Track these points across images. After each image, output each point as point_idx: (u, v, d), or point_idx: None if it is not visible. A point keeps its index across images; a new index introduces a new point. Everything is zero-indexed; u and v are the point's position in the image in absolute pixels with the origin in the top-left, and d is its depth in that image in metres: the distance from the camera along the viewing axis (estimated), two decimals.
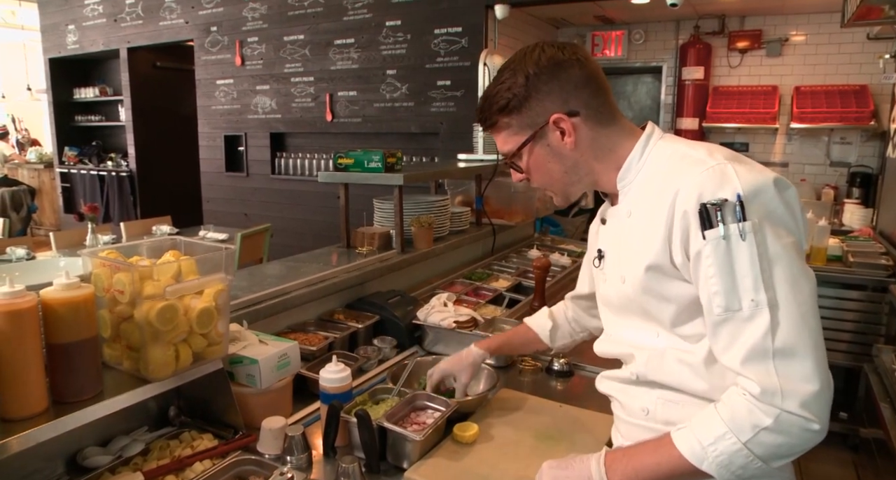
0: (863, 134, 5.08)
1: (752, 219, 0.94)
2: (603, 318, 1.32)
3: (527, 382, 1.82)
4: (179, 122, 7.02)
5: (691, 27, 5.59)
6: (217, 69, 6.01)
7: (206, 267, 1.32)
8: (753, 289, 0.93)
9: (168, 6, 6.18)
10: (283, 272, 2.15)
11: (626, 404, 1.21)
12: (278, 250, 4.51)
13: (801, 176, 5.33)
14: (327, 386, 1.37)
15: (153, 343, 1.22)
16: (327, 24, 5.27)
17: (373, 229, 2.57)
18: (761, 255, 0.93)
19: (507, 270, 2.90)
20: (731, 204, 0.95)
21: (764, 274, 0.93)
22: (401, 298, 2.15)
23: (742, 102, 5.34)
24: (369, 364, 1.83)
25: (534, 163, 1.17)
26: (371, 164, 2.45)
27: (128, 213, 7.01)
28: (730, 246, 0.95)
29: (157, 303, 1.20)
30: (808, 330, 0.92)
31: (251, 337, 1.52)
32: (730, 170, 0.99)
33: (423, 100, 4.93)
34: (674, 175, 1.04)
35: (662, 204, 1.03)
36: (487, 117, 1.18)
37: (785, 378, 0.90)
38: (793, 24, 5.29)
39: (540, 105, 1.12)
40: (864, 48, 5.01)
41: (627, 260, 1.13)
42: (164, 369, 1.25)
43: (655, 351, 1.12)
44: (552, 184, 1.20)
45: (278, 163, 5.88)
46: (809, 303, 0.94)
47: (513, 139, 1.16)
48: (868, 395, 2.46)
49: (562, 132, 1.13)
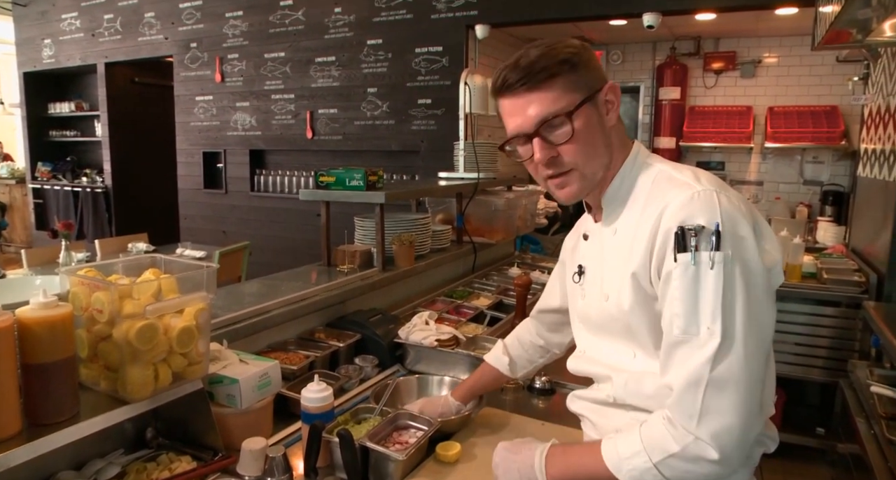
0: (834, 153, 5.20)
1: (726, 251, 0.96)
2: (577, 335, 1.32)
3: (509, 400, 1.82)
4: (157, 138, 6.94)
5: (668, 48, 5.72)
6: (196, 85, 5.98)
7: (187, 285, 1.31)
8: (711, 318, 0.96)
9: (147, 22, 6.16)
10: (263, 290, 2.14)
11: (599, 424, 1.21)
12: (257, 268, 4.48)
13: (776, 193, 5.44)
14: (309, 406, 1.36)
15: (132, 363, 1.21)
16: (308, 42, 5.29)
17: (354, 247, 2.57)
18: (726, 287, 0.96)
19: (488, 288, 2.90)
20: (708, 231, 0.97)
21: (724, 306, 0.95)
22: (382, 317, 2.14)
23: (718, 122, 5.45)
24: (351, 383, 1.82)
25: (586, 127, 1.09)
26: (353, 182, 2.45)
27: (102, 230, 6.89)
28: (698, 272, 0.97)
29: (136, 322, 1.19)
30: (749, 368, 0.95)
31: (231, 356, 1.51)
32: (715, 198, 1.00)
33: (404, 119, 4.96)
34: (661, 194, 1.06)
35: (648, 221, 1.05)
36: (544, 68, 1.07)
37: (707, 406, 0.95)
38: (766, 46, 5.44)
39: (596, 70, 1.12)
40: (834, 70, 5.15)
41: (612, 278, 1.14)
42: (142, 389, 1.23)
43: (633, 374, 1.13)
44: (589, 160, 1.11)
45: (258, 181, 5.86)
46: (759, 344, 0.98)
47: (569, 97, 1.08)
48: (844, 411, 2.49)
49: (608, 105, 1.12)
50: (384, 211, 2.49)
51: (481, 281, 3.04)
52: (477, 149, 3.26)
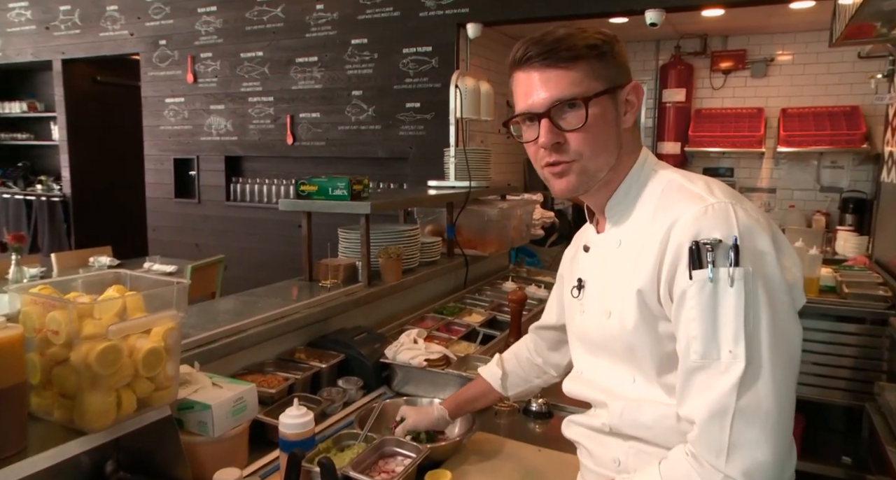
0: (855, 157, 5.19)
1: (745, 266, 0.94)
2: (574, 354, 1.31)
3: (503, 425, 1.82)
4: (122, 143, 6.86)
5: (672, 47, 5.77)
6: (166, 86, 5.98)
7: (156, 303, 1.30)
8: (733, 340, 0.93)
9: (110, 16, 6.12)
10: (239, 307, 2.13)
11: (595, 453, 1.21)
12: (233, 283, 4.46)
13: (790, 202, 5.46)
14: (287, 433, 1.36)
15: (92, 389, 1.19)
16: (288, 41, 5.31)
17: (337, 261, 2.57)
18: (748, 306, 0.94)
19: (480, 304, 2.91)
20: (726, 246, 0.95)
21: (747, 327, 0.93)
22: (367, 335, 2.14)
23: (726, 125, 5.48)
24: (333, 407, 1.81)
25: (600, 117, 1.09)
26: (336, 192, 2.45)
27: (59, 243, 6.79)
28: (716, 290, 0.95)
29: (98, 344, 1.18)
30: (779, 395, 0.93)
31: (204, 379, 1.50)
32: (731, 210, 0.99)
33: (391, 124, 4.98)
34: (671, 206, 1.05)
35: (657, 234, 1.03)
36: (570, 47, 1.07)
37: (737, 440, 0.91)
38: (778, 43, 5.46)
39: (623, 66, 1.13)
40: (855, 67, 5.14)
41: (614, 293, 1.12)
42: (102, 418, 1.21)
43: (631, 401, 1.11)
44: (595, 153, 1.10)
45: (234, 189, 5.85)
46: (788, 367, 0.95)
47: (589, 83, 1.08)
48: (873, 438, 2.45)
49: (627, 105, 1.13)
50: (370, 222, 2.49)
51: (473, 296, 3.05)
52: (469, 155, 3.27)
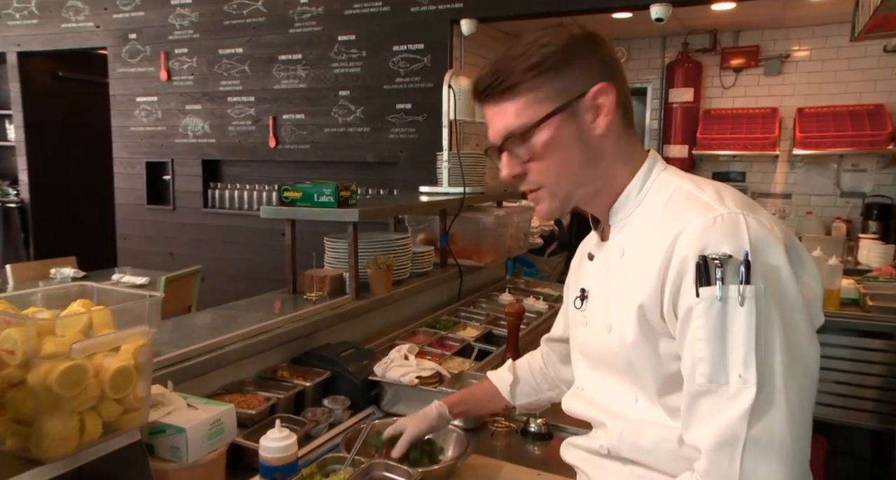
0: (879, 160, 5.16)
1: (757, 284, 0.93)
2: (576, 369, 1.31)
3: (500, 446, 1.81)
4: (88, 145, 6.78)
5: (679, 44, 5.80)
6: (137, 84, 5.95)
7: (125, 318, 1.28)
8: (743, 364, 0.91)
9: (73, 6, 6.06)
10: (217, 322, 2.12)
11: (594, 478, 1.20)
12: (211, 296, 4.44)
13: (807, 208, 5.46)
14: (268, 457, 1.35)
15: (51, 413, 1.15)
16: (270, 37, 5.32)
17: (323, 271, 2.57)
18: (759, 327, 0.92)
19: (475, 317, 2.90)
20: (736, 262, 0.93)
21: (758, 350, 0.91)
22: (355, 351, 2.14)
23: (737, 127, 5.50)
24: (318, 429, 1.80)
25: (553, 143, 1.08)
26: (322, 198, 2.45)
27: (16, 253, 6.70)
28: (725, 309, 0.93)
29: (59, 364, 1.14)
30: (793, 423, 0.91)
31: (177, 400, 1.48)
32: (742, 221, 0.97)
33: (381, 126, 4.98)
34: (677, 215, 1.03)
35: (661, 245, 1.02)
36: (506, 78, 1.08)
37: (748, 472, 0.90)
38: (795, 38, 5.45)
39: (580, 71, 1.08)
40: (881, 63, 5.13)
41: (616, 306, 1.12)
42: (63, 445, 1.18)
43: (631, 423, 1.11)
44: (559, 180, 1.11)
45: (212, 195, 5.84)
46: (805, 392, 0.94)
47: (533, 109, 1.07)
48: None
49: (596, 110, 1.08)
50: (358, 230, 2.48)
51: (468, 309, 3.04)
52: (463, 160, 3.27)
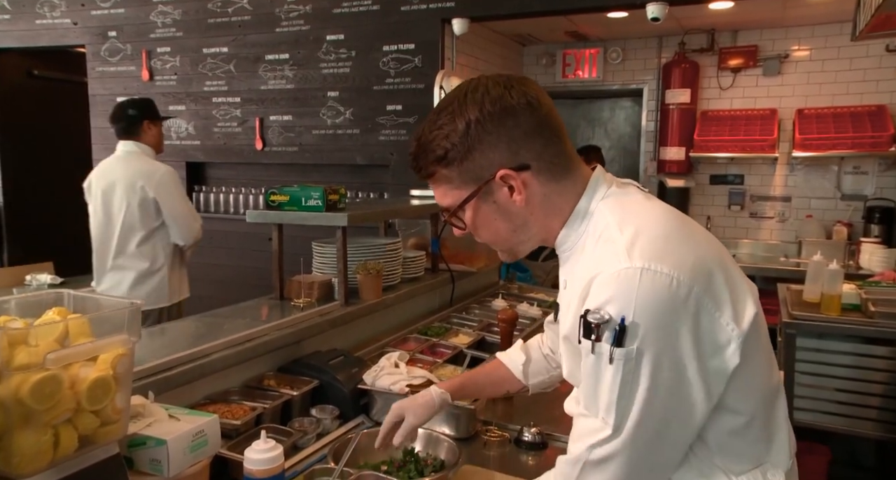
0: (881, 162, 5.18)
1: (629, 346, 1.00)
2: None
3: (493, 456, 1.82)
4: (65, 146, 6.64)
5: (676, 44, 5.81)
6: (118, 83, 5.90)
7: (104, 327, 1.27)
8: (606, 409, 1.05)
9: (47, 1, 5.98)
10: (201, 330, 2.12)
11: None
12: (194, 303, 4.41)
13: (807, 211, 5.48)
14: (253, 469, 1.34)
15: (23, 427, 1.13)
16: (256, 36, 5.30)
17: (311, 277, 2.57)
18: (624, 383, 1.02)
19: (468, 324, 2.92)
20: (613, 323, 1.00)
21: (619, 403, 1.03)
22: (344, 359, 2.14)
23: (735, 128, 5.52)
24: (306, 439, 1.80)
25: (479, 220, 1.20)
26: (310, 202, 2.46)
27: None
28: (599, 362, 1.04)
29: (32, 375, 1.12)
30: (631, 468, 1.05)
31: (159, 411, 1.47)
32: (636, 281, 1.01)
33: (371, 128, 4.98)
34: (598, 257, 1.10)
35: (581, 284, 1.10)
36: (423, 166, 1.19)
37: None
38: (794, 37, 5.45)
39: (484, 157, 1.13)
40: (883, 63, 5.13)
41: (563, 330, 1.24)
42: (35, 461, 1.15)
43: None
44: (498, 243, 1.25)
45: (196, 199, 5.81)
46: (651, 449, 1.05)
47: (452, 193, 1.18)
48: None
49: (510, 188, 1.14)
50: (347, 235, 2.49)
51: (460, 315, 3.05)
52: None
